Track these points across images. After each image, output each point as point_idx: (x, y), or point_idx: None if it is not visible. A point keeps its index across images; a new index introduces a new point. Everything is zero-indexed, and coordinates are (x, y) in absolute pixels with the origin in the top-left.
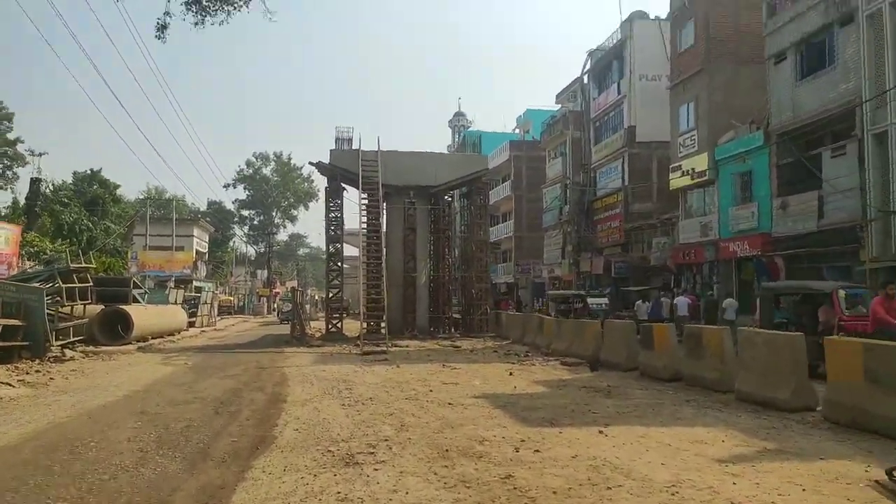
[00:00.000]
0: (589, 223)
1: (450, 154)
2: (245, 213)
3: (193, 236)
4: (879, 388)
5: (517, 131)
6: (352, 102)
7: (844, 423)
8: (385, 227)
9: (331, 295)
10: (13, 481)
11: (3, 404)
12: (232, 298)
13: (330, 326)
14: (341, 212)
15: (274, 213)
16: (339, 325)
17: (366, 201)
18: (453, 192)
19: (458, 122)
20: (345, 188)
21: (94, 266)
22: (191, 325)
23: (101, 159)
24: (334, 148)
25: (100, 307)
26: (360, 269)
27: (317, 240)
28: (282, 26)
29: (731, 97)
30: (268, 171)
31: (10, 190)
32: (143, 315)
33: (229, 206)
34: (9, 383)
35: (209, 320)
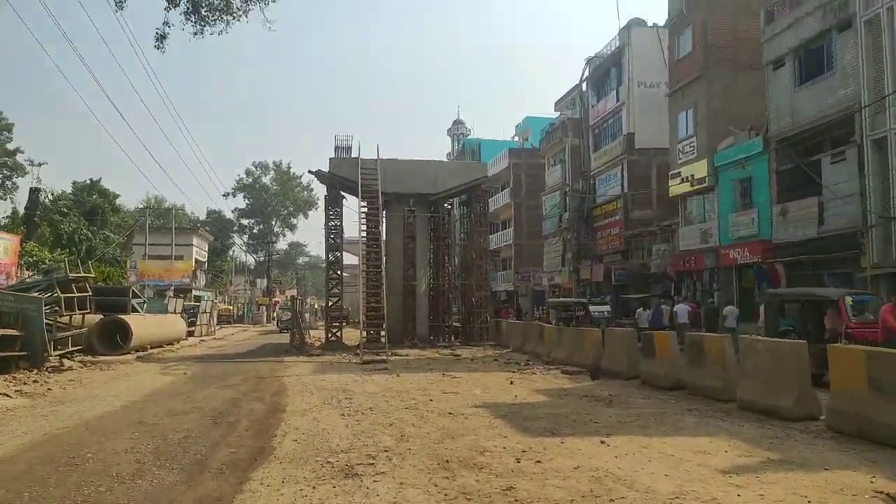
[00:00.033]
0: (588, 230)
1: (449, 162)
2: (244, 221)
3: (193, 245)
4: (883, 396)
5: (516, 139)
6: (351, 111)
7: (848, 433)
8: (385, 236)
9: (330, 304)
10: (8, 494)
11: (0, 415)
12: (231, 307)
13: (329, 335)
14: (341, 220)
15: (273, 222)
16: (338, 334)
17: (365, 209)
18: (453, 200)
19: (458, 129)
20: (344, 196)
21: (93, 276)
22: (190, 334)
23: (101, 169)
24: (333, 156)
25: (98, 317)
26: (360, 278)
27: (316, 248)
28: (280, 35)
29: (730, 104)
30: (267, 179)
31: (9, 200)
32: (141, 324)
33: (229, 215)
34: (6, 394)
35: (208, 329)
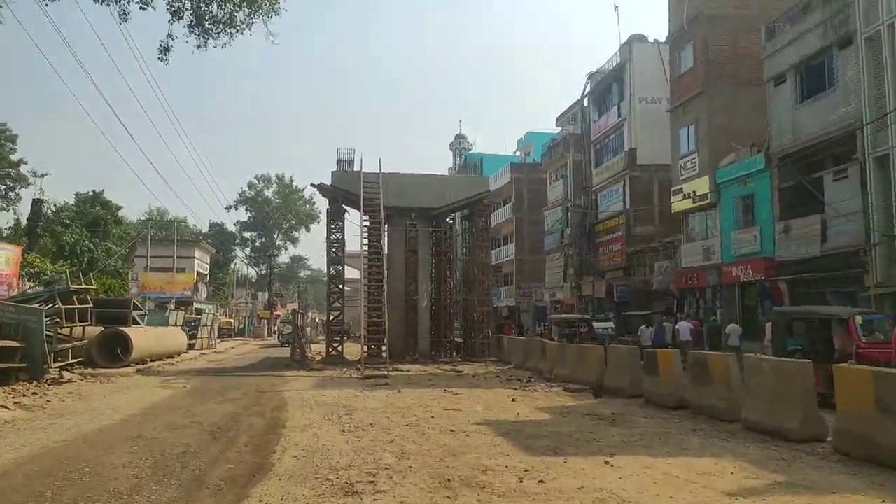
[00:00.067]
0: (590, 246)
1: (451, 176)
2: (246, 234)
3: (194, 258)
4: (891, 418)
5: (518, 154)
6: (351, 112)
7: (856, 455)
8: (386, 249)
9: (332, 318)
10: None
11: None
12: (232, 320)
13: (330, 350)
14: (343, 234)
15: (275, 235)
16: (339, 349)
17: (367, 223)
18: (455, 215)
19: (459, 144)
20: (346, 210)
21: (95, 287)
22: (191, 347)
23: (104, 181)
24: (336, 169)
25: (99, 329)
26: (362, 292)
27: (318, 262)
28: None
29: (731, 120)
30: (269, 192)
31: (12, 211)
32: (142, 337)
33: (231, 228)
34: (5, 406)
35: (209, 342)
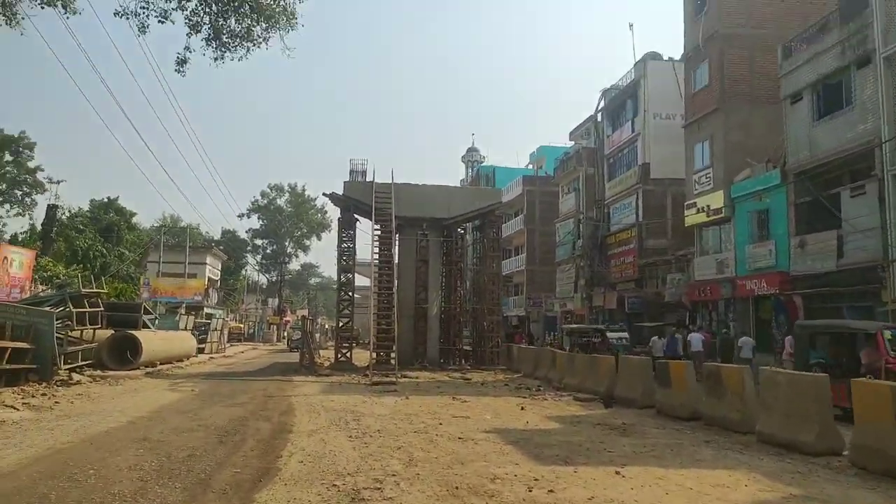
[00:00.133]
0: (602, 258)
1: (463, 187)
2: (258, 242)
3: (206, 264)
4: None
5: (530, 167)
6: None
7: (873, 470)
8: (397, 259)
9: (341, 324)
10: None
11: (5, 428)
12: (242, 326)
13: (339, 356)
14: (354, 242)
15: (287, 243)
16: (348, 355)
17: (378, 232)
18: (466, 225)
19: (472, 157)
20: (358, 219)
21: (106, 291)
22: (200, 351)
23: (119, 187)
24: (348, 180)
25: (109, 332)
26: (371, 300)
27: (328, 269)
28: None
29: (747, 137)
30: (282, 201)
31: (27, 216)
32: (152, 340)
33: (243, 235)
34: (13, 406)
35: (219, 347)
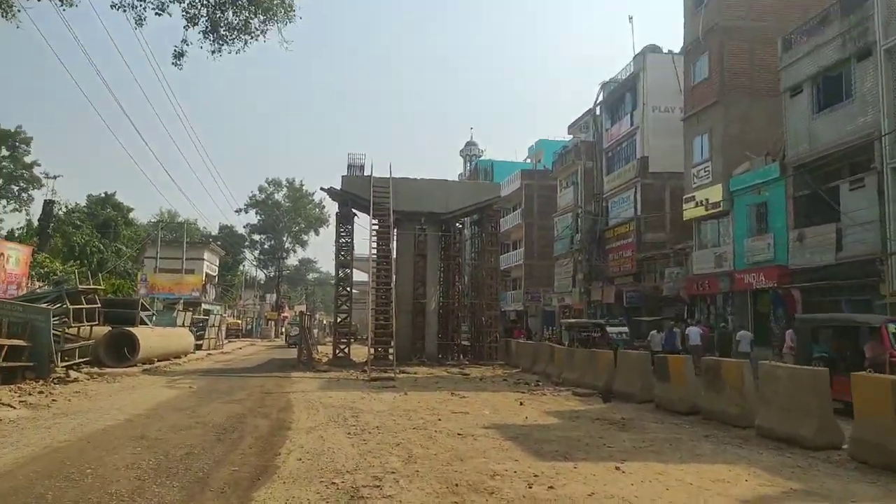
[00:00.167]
0: (600, 252)
1: (461, 182)
2: (256, 237)
3: (204, 260)
4: None
5: (529, 161)
6: (362, 129)
7: (873, 464)
8: (395, 253)
9: (339, 320)
10: None
11: (2, 426)
12: (240, 321)
13: (337, 351)
14: (351, 237)
15: (284, 238)
16: (346, 351)
17: (376, 227)
18: (464, 220)
19: (470, 151)
20: (356, 214)
21: (103, 287)
22: (198, 347)
23: (116, 183)
24: (346, 174)
25: (107, 329)
26: (370, 295)
27: (326, 265)
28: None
29: (746, 130)
30: (280, 196)
31: (24, 212)
32: (149, 337)
33: (240, 231)
34: (10, 404)
35: (216, 343)
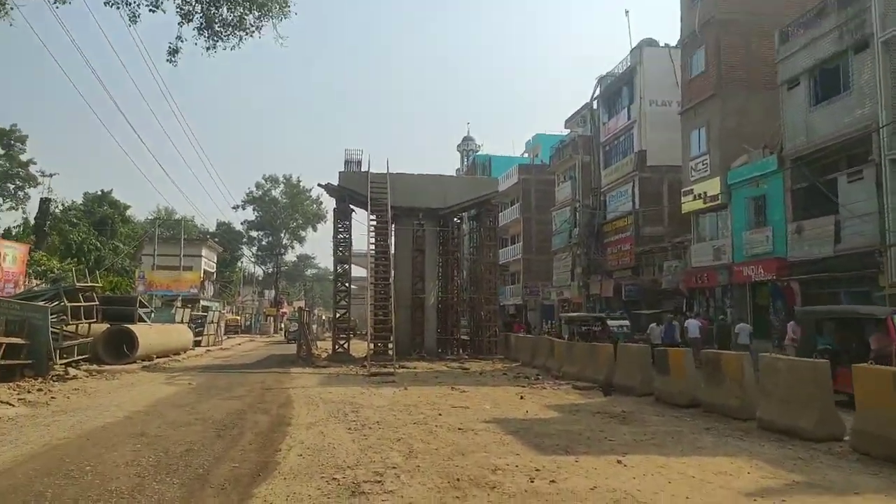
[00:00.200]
0: (598, 246)
1: (459, 177)
2: (253, 233)
3: (202, 256)
4: None
5: (526, 155)
6: (361, 128)
7: (875, 455)
8: (393, 249)
9: (338, 315)
10: None
11: (1, 424)
12: (239, 318)
13: (337, 347)
14: (349, 233)
15: (282, 234)
16: (345, 346)
17: (374, 223)
18: (462, 214)
19: (467, 146)
20: (353, 210)
21: (101, 285)
22: (197, 344)
23: (113, 180)
24: (343, 170)
25: (105, 326)
26: (368, 290)
27: (325, 260)
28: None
29: (744, 123)
30: (277, 192)
31: (21, 210)
32: (148, 334)
33: (238, 227)
34: (8, 402)
35: (215, 339)
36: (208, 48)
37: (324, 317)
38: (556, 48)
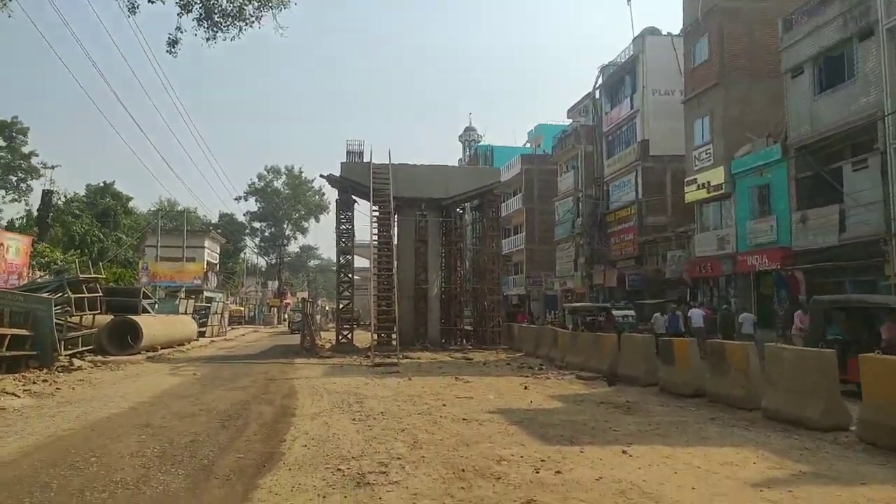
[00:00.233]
0: (602, 236)
1: (461, 167)
2: (256, 225)
3: (205, 247)
4: None
5: (529, 145)
6: (363, 118)
7: (882, 445)
8: (396, 239)
9: (341, 306)
10: (9, 499)
11: (6, 415)
12: (242, 309)
13: (340, 337)
14: (352, 224)
15: (285, 225)
16: (349, 336)
17: (377, 213)
18: (465, 205)
19: (469, 136)
20: (356, 200)
21: (104, 276)
22: (201, 335)
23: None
24: (345, 161)
25: (109, 317)
26: (371, 281)
27: (328, 251)
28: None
29: (747, 111)
30: (279, 184)
31: (23, 202)
32: (152, 325)
33: (241, 219)
34: (14, 393)
35: (219, 330)
36: (208, 39)
37: (327, 307)
38: (557, 38)
